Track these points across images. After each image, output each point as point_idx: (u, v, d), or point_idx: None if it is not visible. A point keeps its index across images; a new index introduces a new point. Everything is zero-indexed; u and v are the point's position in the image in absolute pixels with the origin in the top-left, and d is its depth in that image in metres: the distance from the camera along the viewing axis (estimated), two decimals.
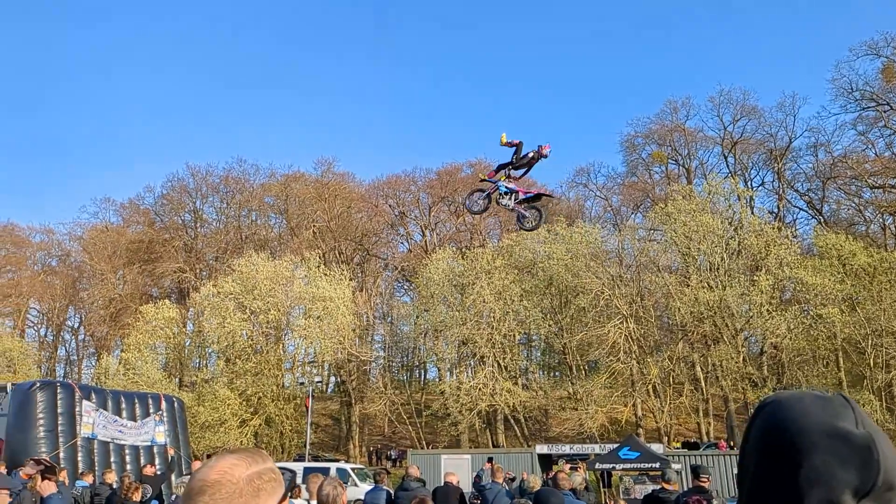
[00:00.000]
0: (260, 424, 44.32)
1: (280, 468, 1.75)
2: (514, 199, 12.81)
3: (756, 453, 1.12)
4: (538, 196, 13.20)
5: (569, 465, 25.79)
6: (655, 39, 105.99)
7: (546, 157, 12.50)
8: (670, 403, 42.22)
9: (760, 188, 59.19)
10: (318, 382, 51.15)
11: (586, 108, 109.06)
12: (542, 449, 35.10)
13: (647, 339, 42.69)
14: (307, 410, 38.25)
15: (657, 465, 24.27)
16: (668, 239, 42.99)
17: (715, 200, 43.97)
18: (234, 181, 65.64)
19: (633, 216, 59.45)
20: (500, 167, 12.84)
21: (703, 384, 43.64)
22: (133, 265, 62.27)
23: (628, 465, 25.62)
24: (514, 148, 12.46)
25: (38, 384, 18.31)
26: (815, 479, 1.02)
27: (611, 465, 26.00)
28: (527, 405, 43.31)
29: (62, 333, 69.74)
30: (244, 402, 43.76)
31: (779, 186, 58.02)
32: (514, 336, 45.03)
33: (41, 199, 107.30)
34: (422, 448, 44.34)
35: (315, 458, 38.12)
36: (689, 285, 40.51)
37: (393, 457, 48.20)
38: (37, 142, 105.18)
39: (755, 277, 40.25)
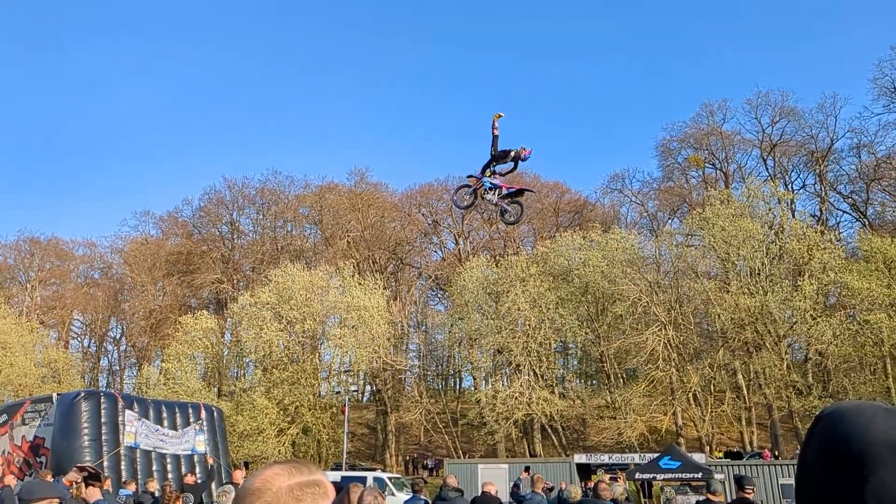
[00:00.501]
0: (297, 433, 44.54)
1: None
2: (498, 195, 13.28)
3: (817, 465, 1.06)
4: (520, 192, 13.92)
5: (609, 475, 25.38)
6: (689, 42, 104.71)
7: (525, 160, 13.04)
8: (712, 412, 41.30)
9: (801, 191, 57.91)
10: (353, 391, 51.37)
11: (619, 113, 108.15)
12: (580, 458, 34.65)
13: (687, 347, 41.89)
14: (344, 420, 38.35)
15: (699, 475, 23.78)
16: (707, 244, 42.18)
17: (754, 204, 43.02)
18: (269, 193, 66.48)
19: (669, 221, 58.60)
20: (485, 166, 13.27)
21: (745, 392, 42.65)
22: (172, 277, 63.39)
23: (669, 476, 25.13)
24: (494, 137, 12.84)
25: (82, 394, 18.66)
26: (883, 495, 0.97)
27: (651, 475, 25.54)
28: (564, 414, 42.81)
29: (105, 344, 71.32)
30: (281, 412, 44.05)
31: (821, 189, 56.65)
32: (550, 344, 44.54)
33: (83, 214, 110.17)
34: (458, 457, 44.11)
35: (352, 468, 38.17)
36: (729, 291, 39.66)
37: (429, 466, 48.05)
38: (78, 157, 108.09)
39: (798, 282, 39.25)
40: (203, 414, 21.67)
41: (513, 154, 12.88)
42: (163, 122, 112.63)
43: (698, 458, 29.12)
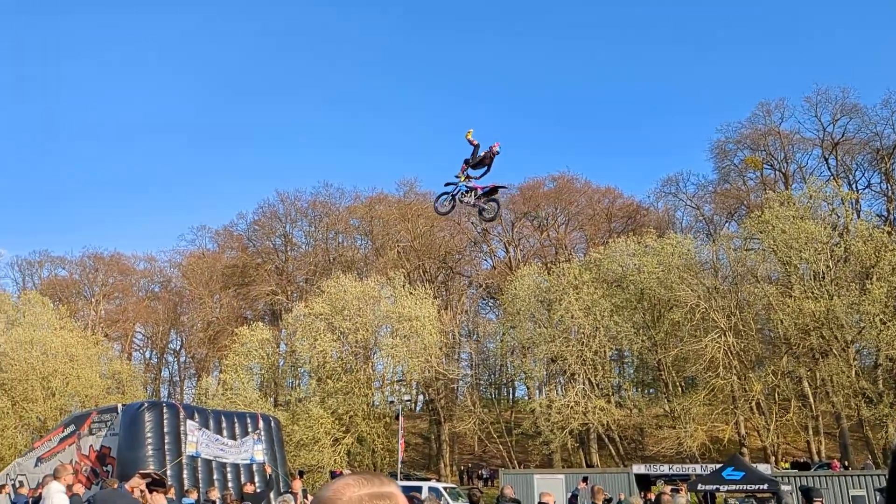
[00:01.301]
0: (352, 443, 44.79)
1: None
2: (475, 196, 14.05)
3: None
4: (495, 189, 14.30)
5: (670, 487, 24.71)
6: (742, 40, 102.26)
7: (497, 153, 13.74)
8: (776, 421, 39.84)
9: (867, 190, 55.63)
10: (406, 401, 51.44)
11: (670, 116, 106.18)
12: (639, 469, 33.94)
13: (749, 354, 40.57)
14: (398, 429, 38.32)
15: (765, 486, 22.94)
16: (767, 248, 40.81)
17: (816, 205, 41.46)
18: (320, 205, 67.42)
19: (727, 225, 57.05)
20: (462, 169, 14.07)
21: (811, 400, 41.05)
22: (228, 289, 64.78)
23: (733, 487, 24.29)
24: (474, 148, 13.67)
25: (145, 405, 19.10)
26: None
27: (714, 487, 24.75)
28: (621, 423, 41.94)
29: (165, 356, 73.33)
30: (336, 421, 44.38)
31: (887, 188, 54.32)
32: (605, 352, 43.76)
33: (143, 229, 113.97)
34: (513, 467, 43.65)
35: (407, 477, 38.14)
36: (791, 296, 38.27)
37: (484, 476, 47.68)
38: (137, 175, 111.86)
39: (866, 286, 37.60)
40: (261, 423, 21.93)
41: (483, 154, 13.63)
42: (215, 138, 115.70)
43: (763, 468, 28.17)
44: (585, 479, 23.03)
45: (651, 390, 48.87)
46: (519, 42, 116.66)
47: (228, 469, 20.05)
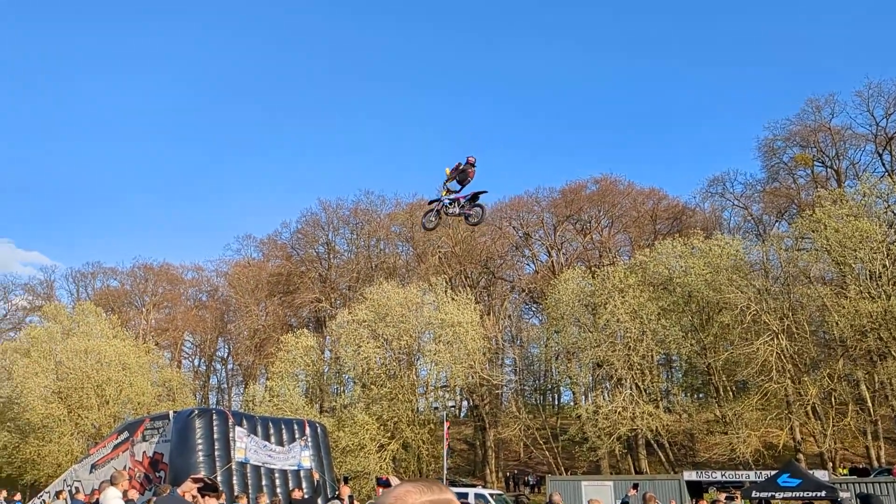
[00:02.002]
0: (397, 449, 44.81)
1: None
2: (458, 206, 14.87)
3: None
4: (476, 195, 15.02)
5: (724, 494, 24.09)
6: (788, 36, 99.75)
7: (473, 162, 14.71)
8: (833, 426, 38.48)
9: None
10: (451, 407, 51.25)
11: (714, 115, 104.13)
12: (690, 475, 33.24)
13: (803, 357, 39.30)
14: (444, 435, 38.21)
15: (822, 493, 22.17)
16: (820, 247, 39.49)
17: (871, 202, 39.98)
18: (362, 213, 67.88)
19: (777, 225, 55.47)
20: (444, 185, 15.16)
21: (869, 404, 39.56)
22: (273, 297, 65.65)
23: (789, 494, 23.51)
24: (456, 171, 14.84)
25: (196, 411, 19.34)
26: None
27: (770, 494, 23.99)
28: (670, 429, 41.06)
29: (213, 363, 74.67)
30: (381, 427, 44.46)
31: None
32: (652, 356, 42.90)
33: (191, 239, 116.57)
34: (560, 473, 43.14)
35: (452, 484, 37.96)
36: (847, 296, 36.95)
37: (530, 482, 47.28)
38: (183, 187, 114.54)
39: None
40: (308, 430, 22.05)
41: (462, 167, 14.68)
42: (258, 147, 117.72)
43: (821, 475, 27.26)
44: (636, 486, 22.56)
45: (701, 395, 47.74)
46: (556, 43, 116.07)
47: (276, 475, 20.19)
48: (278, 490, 19.61)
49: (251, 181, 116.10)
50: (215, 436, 18.71)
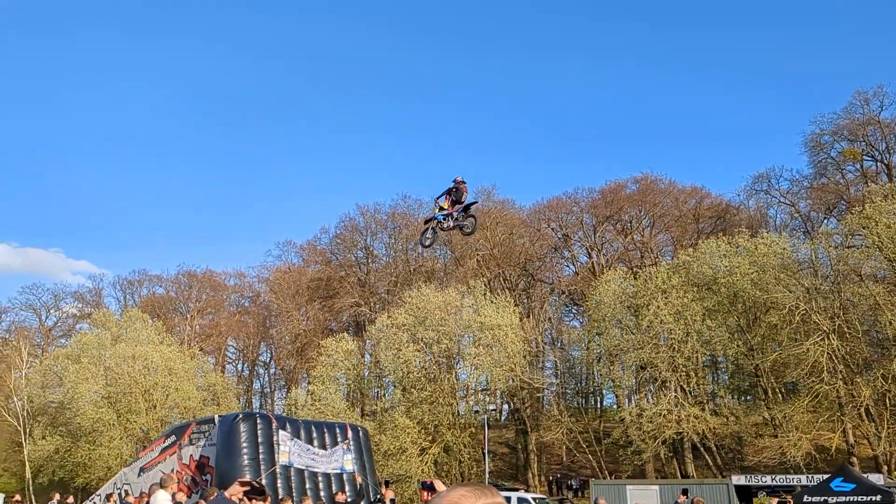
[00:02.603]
0: (439, 452, 44.74)
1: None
2: (452, 219, 15.80)
3: None
4: (468, 206, 16.06)
5: (776, 499, 23.46)
6: (833, 26, 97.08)
7: (462, 181, 15.88)
8: (888, 428, 37.10)
9: None
10: (492, 410, 51.04)
11: (757, 110, 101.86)
12: (738, 480, 32.48)
13: (855, 357, 38.00)
14: (484, 439, 38.04)
15: (878, 497, 21.34)
16: (871, 244, 38.19)
17: None
18: (399, 217, 68.06)
19: (825, 222, 53.81)
20: (436, 202, 16.29)
21: None
22: (314, 302, 66.23)
23: (843, 499, 22.72)
24: (449, 194, 15.94)
25: (240, 416, 19.50)
26: None
27: (822, 499, 23.18)
28: (717, 432, 40.09)
29: (256, 368, 75.67)
30: (422, 430, 44.45)
31: None
32: (697, 358, 41.99)
33: (233, 246, 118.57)
34: (604, 477, 42.50)
35: (494, 487, 37.67)
36: None
37: (574, 486, 46.69)
38: (225, 194, 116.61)
39: None
40: (350, 433, 22.06)
41: (452, 188, 15.77)
42: (296, 153, 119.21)
43: (875, 478, 26.33)
44: (685, 492, 22.06)
45: (748, 397, 46.53)
46: (592, 42, 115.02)
47: (320, 478, 20.22)
48: (322, 494, 19.66)
49: (291, 187, 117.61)
50: (259, 440, 18.84)
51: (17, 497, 23.64)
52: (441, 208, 15.88)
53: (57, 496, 25.54)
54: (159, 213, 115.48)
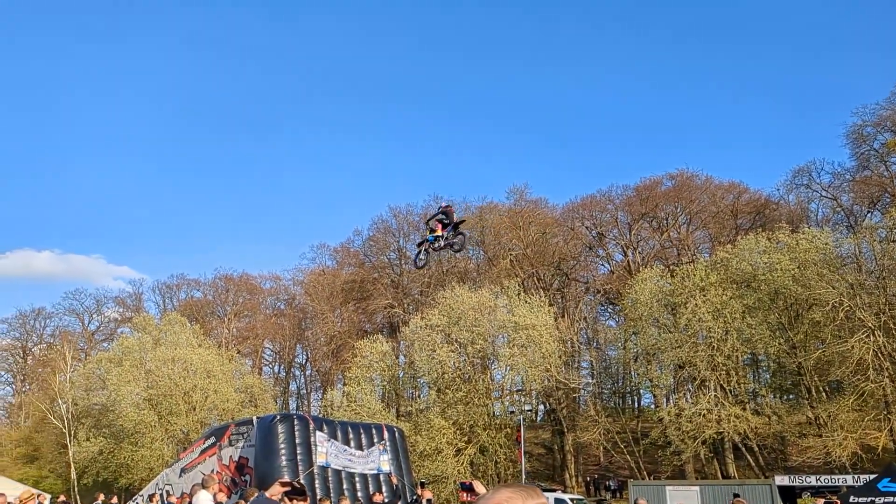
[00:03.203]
0: (475, 453, 44.59)
1: None
2: (443, 239, 16.99)
3: None
4: (456, 225, 17.37)
5: (822, 500, 22.94)
6: (874, 15, 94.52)
7: (448, 205, 17.67)
8: None
9: None
10: (527, 411, 50.71)
11: (798, 102, 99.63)
12: (782, 480, 31.82)
13: None
14: (520, 441, 37.73)
15: None
16: None
17: None
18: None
19: (869, 215, 52.25)
20: (426, 225, 17.90)
21: None
22: (348, 304, 66.65)
23: (891, 500, 22.15)
24: (437, 218, 17.37)
25: (278, 417, 19.67)
26: None
27: (868, 499, 22.64)
28: (759, 432, 39.21)
29: (292, 370, 76.43)
30: (458, 431, 44.35)
31: None
32: (737, 357, 41.12)
33: (268, 249, 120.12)
34: (642, 478, 41.93)
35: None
36: None
37: (612, 487, 46.17)
38: (259, 199, 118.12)
39: None
40: (386, 434, 22.12)
41: (439, 214, 17.26)
42: (329, 157, 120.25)
43: None
44: (737, 496, 21.68)
45: (791, 396, 45.45)
46: (627, 33, 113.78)
47: (357, 479, 20.30)
48: (359, 494, 19.72)
49: (324, 191, 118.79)
50: (297, 440, 18.98)
51: (63, 497, 24.16)
52: (432, 230, 17.20)
53: (101, 497, 26.05)
54: (196, 219, 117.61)
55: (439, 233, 17.11)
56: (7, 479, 38.73)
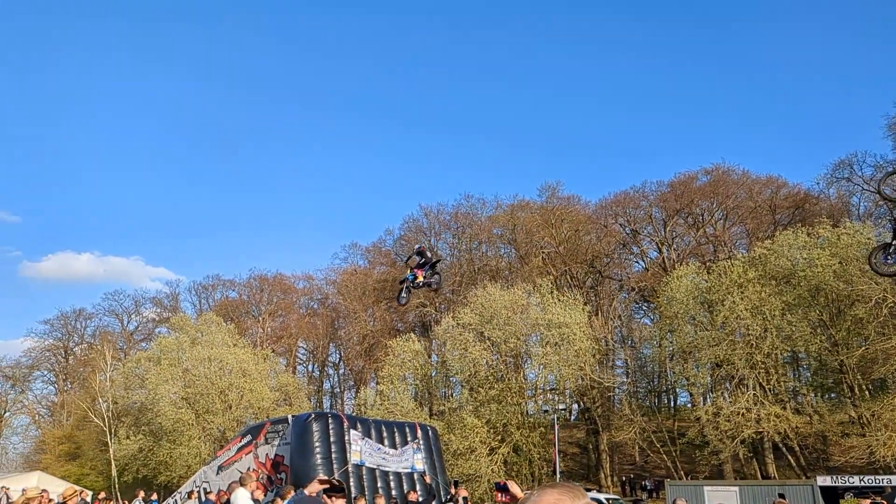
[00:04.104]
0: (508, 452, 44.40)
1: None
2: (423, 277, 18.19)
3: None
4: (434, 264, 18.71)
5: (868, 501, 22.24)
6: None
7: (420, 248, 19.31)
8: None
9: None
10: (561, 410, 50.33)
11: (837, 94, 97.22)
12: (824, 481, 30.99)
13: None
14: (555, 439, 37.47)
15: None
16: None
17: None
18: (462, 216, 68.02)
19: None
20: (407, 265, 19.38)
21: None
22: (380, 303, 66.88)
23: None
24: (414, 259, 18.80)
25: (313, 415, 19.77)
26: None
27: None
28: (800, 431, 38.31)
29: (326, 368, 77.02)
30: (491, 430, 44.20)
31: None
32: (777, 355, 40.24)
33: (301, 249, 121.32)
34: (679, 478, 41.27)
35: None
36: None
37: (648, 487, 45.59)
38: (293, 200, 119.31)
39: None
40: (419, 433, 22.10)
41: (418, 258, 18.53)
42: (361, 156, 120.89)
43: None
44: (782, 496, 21.21)
45: (833, 394, 44.36)
46: (659, 25, 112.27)
47: (391, 477, 20.31)
48: (394, 492, 19.72)
49: (355, 189, 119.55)
50: (332, 439, 19.04)
51: (103, 494, 24.63)
52: (411, 269, 18.61)
53: (142, 493, 26.48)
54: (231, 220, 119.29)
55: (416, 272, 18.83)
56: (50, 476, 39.66)
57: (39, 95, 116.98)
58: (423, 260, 18.58)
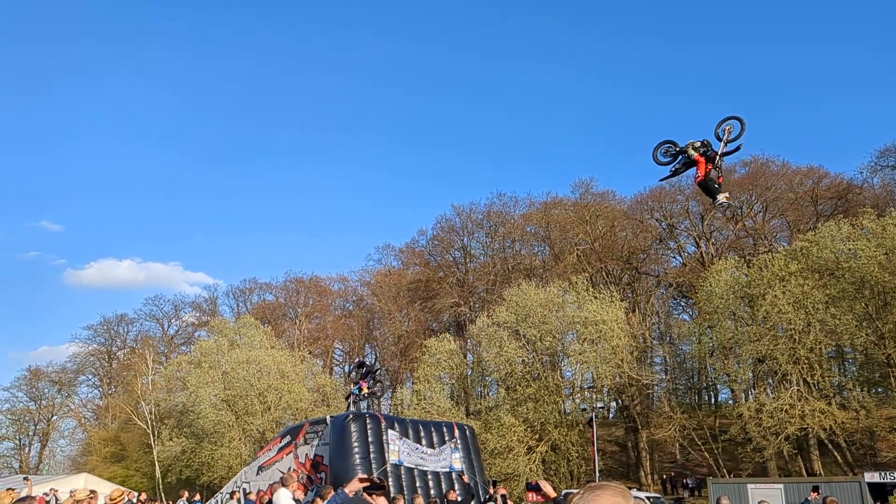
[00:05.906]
0: (546, 451, 44.12)
1: None
2: (367, 389, 21.61)
3: None
4: (374, 372, 21.93)
5: None
6: None
7: (362, 362, 21.09)
8: None
9: None
10: (599, 408, 49.80)
11: (878, 79, 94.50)
12: (871, 477, 30.21)
13: None
14: (593, 438, 37.01)
15: None
16: None
17: None
18: (495, 215, 67.83)
19: None
20: (350, 378, 21.69)
21: None
22: (415, 303, 67.08)
23: None
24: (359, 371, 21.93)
25: (351, 416, 19.88)
26: None
27: None
28: (846, 427, 37.30)
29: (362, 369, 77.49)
30: (528, 429, 43.96)
31: None
32: (821, 349, 39.24)
33: (335, 251, 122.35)
34: (722, 476, 40.54)
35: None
36: None
37: (689, 485, 44.88)
38: (327, 203, 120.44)
39: None
40: (456, 432, 22.05)
41: (357, 367, 20.51)
42: (391, 158, 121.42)
43: None
44: (816, 489, 20.66)
45: (880, 389, 43.13)
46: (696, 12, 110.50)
47: (429, 477, 20.31)
48: (432, 492, 19.72)
49: (387, 191, 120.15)
50: (370, 439, 19.11)
51: (144, 496, 25.16)
52: (355, 383, 20.35)
53: (185, 494, 26.96)
54: (266, 223, 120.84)
55: (365, 390, 20.73)
56: (97, 478, 40.67)
57: (81, 103, 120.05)
58: (365, 370, 20.69)
